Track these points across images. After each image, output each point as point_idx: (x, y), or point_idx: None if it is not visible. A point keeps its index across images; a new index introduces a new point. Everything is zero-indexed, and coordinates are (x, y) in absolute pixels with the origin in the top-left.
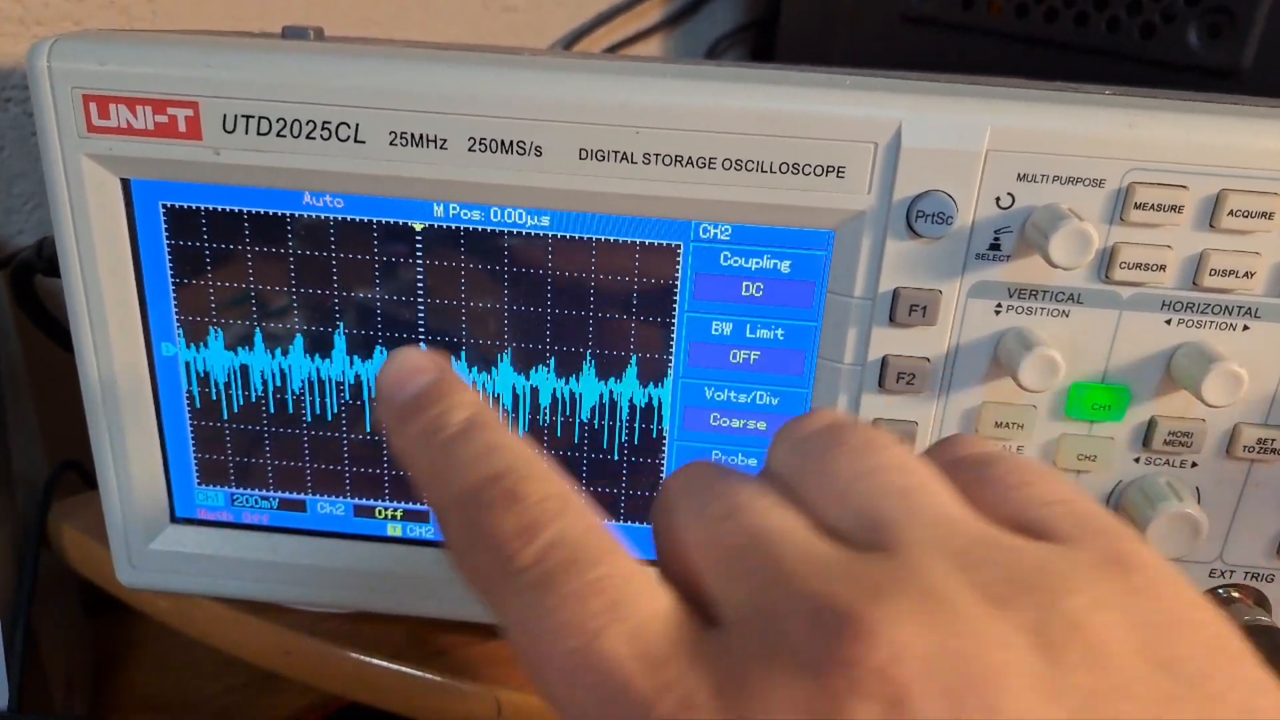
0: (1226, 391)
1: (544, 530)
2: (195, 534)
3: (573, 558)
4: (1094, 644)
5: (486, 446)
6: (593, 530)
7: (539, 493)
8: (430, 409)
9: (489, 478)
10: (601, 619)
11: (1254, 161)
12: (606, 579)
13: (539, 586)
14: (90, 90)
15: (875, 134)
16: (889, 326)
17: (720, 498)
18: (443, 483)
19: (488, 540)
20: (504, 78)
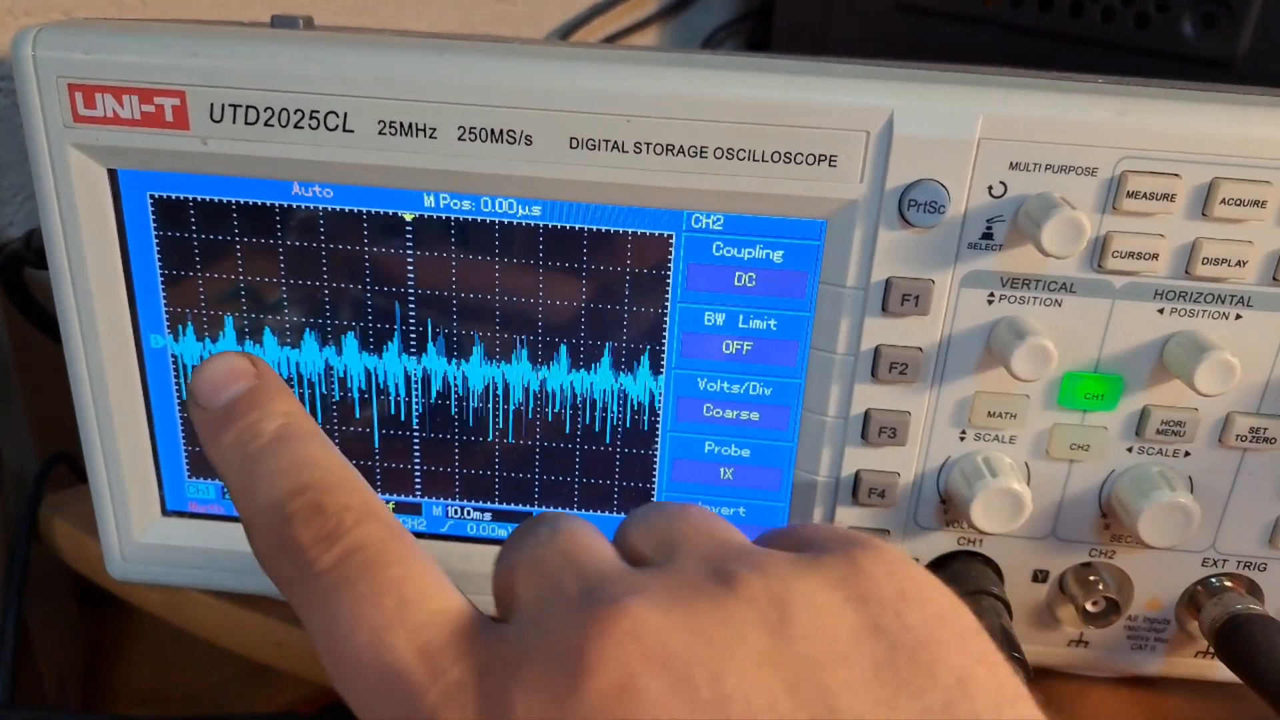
0: (1219, 380)
1: (342, 538)
2: (186, 527)
3: (368, 561)
4: (816, 619)
5: (295, 459)
6: (391, 538)
7: (340, 504)
8: (243, 418)
9: (294, 490)
10: (388, 615)
11: (1247, 150)
12: (399, 580)
13: (336, 589)
14: (76, 79)
15: (867, 122)
16: (882, 316)
17: (550, 526)
18: (251, 495)
19: (290, 549)
20: (493, 66)
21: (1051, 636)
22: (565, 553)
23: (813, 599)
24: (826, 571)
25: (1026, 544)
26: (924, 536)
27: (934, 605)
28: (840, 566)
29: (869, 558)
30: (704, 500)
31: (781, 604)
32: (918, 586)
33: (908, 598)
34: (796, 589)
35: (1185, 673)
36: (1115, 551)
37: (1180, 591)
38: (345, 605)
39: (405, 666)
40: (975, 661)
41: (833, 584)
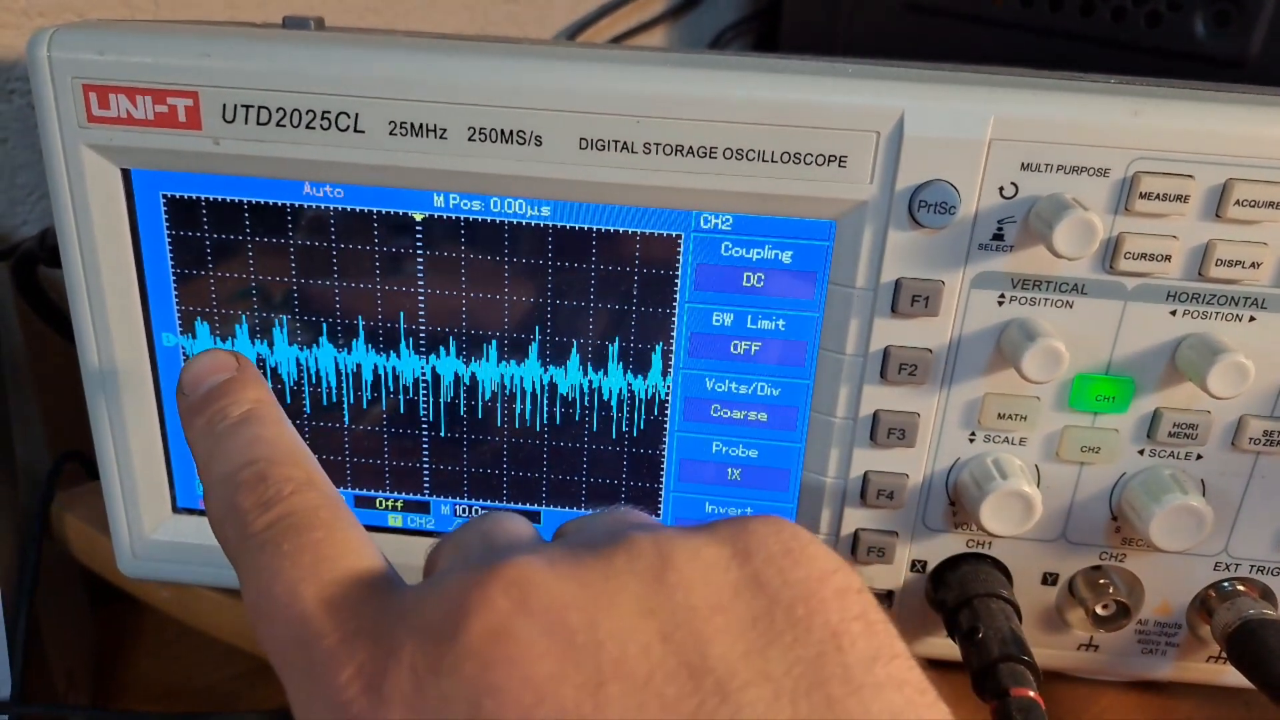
0: (1232, 383)
1: (277, 505)
2: (197, 524)
3: (295, 525)
4: (698, 570)
5: (252, 437)
6: (323, 506)
7: (283, 475)
8: (216, 403)
9: (245, 463)
10: (303, 570)
11: (1261, 151)
12: (321, 542)
13: (264, 548)
14: (90, 80)
15: (877, 123)
16: (891, 317)
17: (481, 516)
18: (213, 466)
19: (233, 513)
20: (503, 67)
21: (1061, 640)
22: (485, 532)
23: (698, 553)
24: (716, 531)
25: (1036, 546)
26: (933, 538)
27: (817, 564)
28: (730, 527)
29: (759, 520)
30: (711, 501)
31: (665, 556)
32: (803, 545)
33: (792, 555)
34: (683, 544)
35: (1196, 678)
36: (1126, 555)
37: (1192, 595)
38: (268, 562)
39: (311, 616)
40: (853, 618)
41: (720, 540)
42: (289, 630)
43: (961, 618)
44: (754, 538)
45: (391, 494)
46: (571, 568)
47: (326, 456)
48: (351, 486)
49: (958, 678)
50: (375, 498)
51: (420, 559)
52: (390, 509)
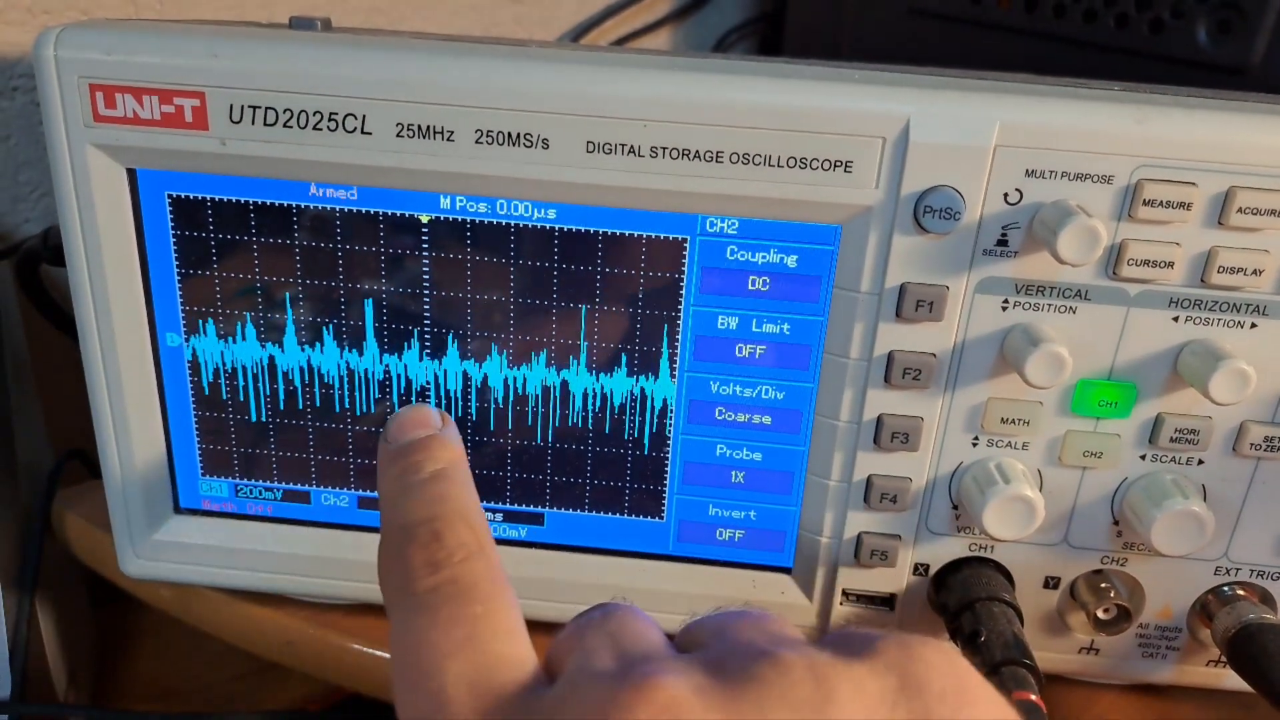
0: (1234, 389)
1: (445, 568)
2: (199, 524)
3: (457, 594)
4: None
5: (437, 495)
6: (488, 580)
7: (456, 540)
8: (412, 456)
9: (425, 519)
10: (454, 645)
11: (1264, 159)
12: (478, 618)
13: (422, 609)
14: (97, 80)
15: (883, 129)
16: (895, 322)
17: (604, 609)
18: (394, 515)
19: (402, 564)
20: (511, 70)
21: (1063, 643)
22: (612, 633)
23: (862, 686)
24: (880, 657)
25: (1038, 550)
26: (936, 542)
27: (990, 712)
28: (895, 652)
29: (929, 648)
30: (715, 504)
31: (826, 689)
32: (976, 684)
33: (966, 694)
34: (845, 674)
35: (1196, 681)
36: (1127, 559)
37: (1192, 600)
38: (423, 625)
39: (452, 696)
40: None
41: (885, 670)
42: (427, 703)
43: (964, 621)
44: (924, 668)
45: None
46: (722, 697)
47: (331, 457)
48: (355, 487)
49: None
50: None
51: None
52: None
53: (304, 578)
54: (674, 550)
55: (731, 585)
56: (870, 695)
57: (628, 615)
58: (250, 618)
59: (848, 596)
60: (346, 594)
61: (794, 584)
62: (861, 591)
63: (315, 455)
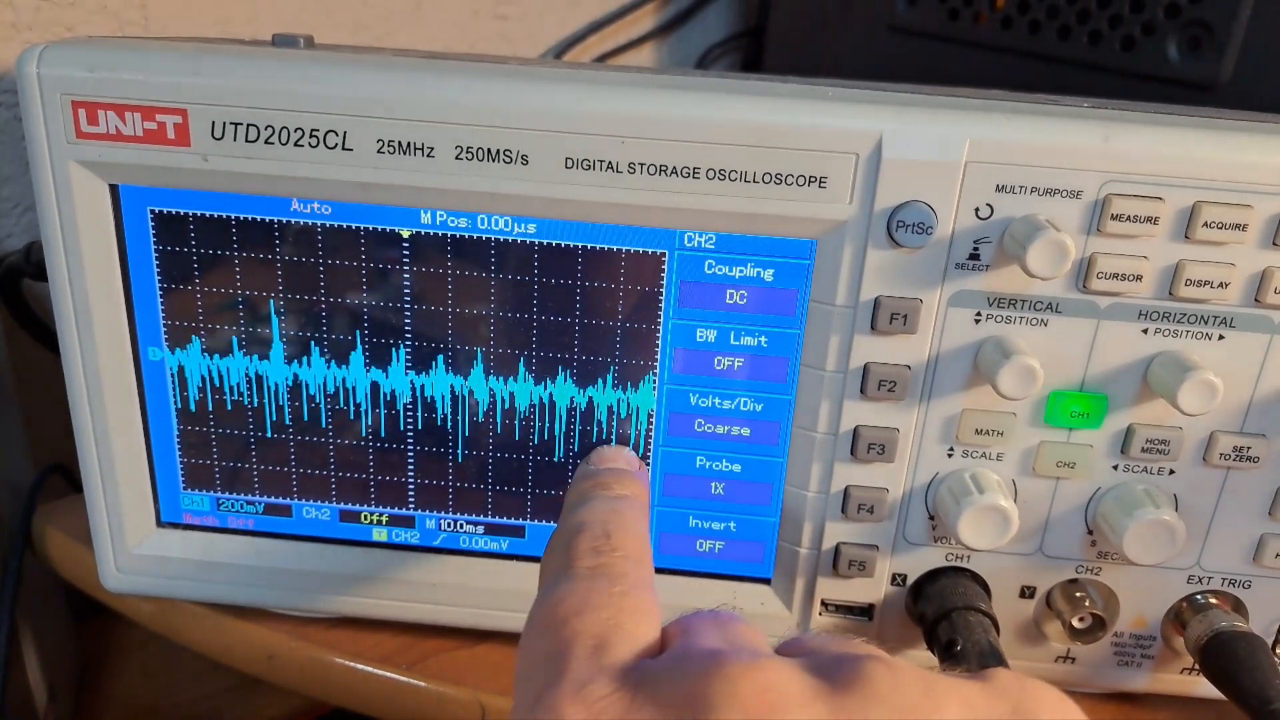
0: (1202, 400)
1: (604, 556)
2: (181, 538)
3: (607, 574)
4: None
5: (617, 510)
6: (638, 578)
7: (621, 544)
8: (608, 478)
9: (601, 522)
10: (592, 609)
11: (1228, 174)
12: (619, 595)
13: (573, 577)
14: (79, 97)
15: (856, 145)
16: (871, 334)
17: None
18: (576, 513)
19: (568, 548)
20: (490, 87)
21: (1039, 652)
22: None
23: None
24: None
25: (1014, 560)
26: (912, 552)
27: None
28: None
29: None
30: (695, 515)
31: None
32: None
33: None
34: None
35: (1171, 689)
36: (1102, 568)
37: (1166, 608)
38: (574, 590)
39: (576, 650)
40: None
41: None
42: (552, 648)
43: (940, 630)
44: (1036, 704)
45: (377, 508)
46: (830, 692)
47: (312, 471)
48: (336, 501)
49: None
50: (360, 512)
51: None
52: (375, 523)
53: (286, 591)
54: (655, 562)
55: (712, 596)
56: (978, 712)
57: (736, 618)
58: (232, 632)
59: (827, 607)
60: (328, 608)
61: (773, 594)
62: (840, 602)
63: (297, 469)
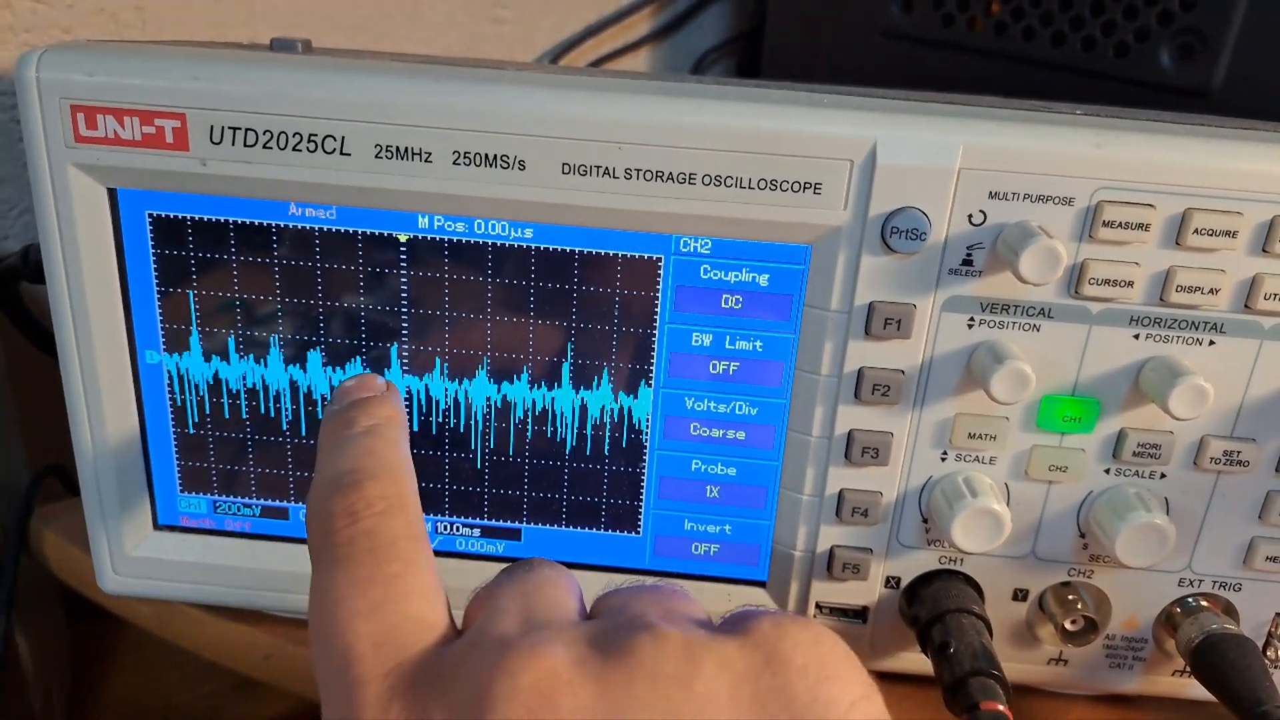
0: (1193, 405)
1: (363, 519)
2: (177, 541)
3: (374, 549)
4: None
5: (365, 449)
6: (406, 538)
7: (377, 491)
8: (349, 414)
9: (349, 470)
10: (368, 604)
11: (1219, 181)
12: (394, 579)
13: (339, 563)
14: (78, 100)
15: (851, 151)
16: (865, 339)
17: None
18: (323, 468)
19: (324, 514)
20: (488, 93)
21: (1031, 655)
22: (526, 593)
23: (729, 664)
24: (751, 635)
25: (1006, 563)
26: (906, 555)
27: (850, 686)
28: (768, 628)
29: (799, 627)
30: (691, 519)
31: (695, 663)
32: (838, 662)
33: (826, 670)
34: (715, 651)
35: (1162, 691)
36: (1094, 571)
37: (1157, 611)
38: (340, 581)
39: (360, 656)
40: None
41: (754, 646)
42: (337, 659)
43: (934, 633)
44: (789, 645)
45: None
46: (600, 667)
47: (309, 474)
48: None
49: (930, 692)
50: None
51: None
52: None
53: (282, 593)
54: (650, 565)
55: (707, 599)
56: (735, 670)
57: (547, 577)
58: (229, 634)
59: (821, 609)
60: None
61: (768, 597)
62: (834, 604)
63: (294, 472)
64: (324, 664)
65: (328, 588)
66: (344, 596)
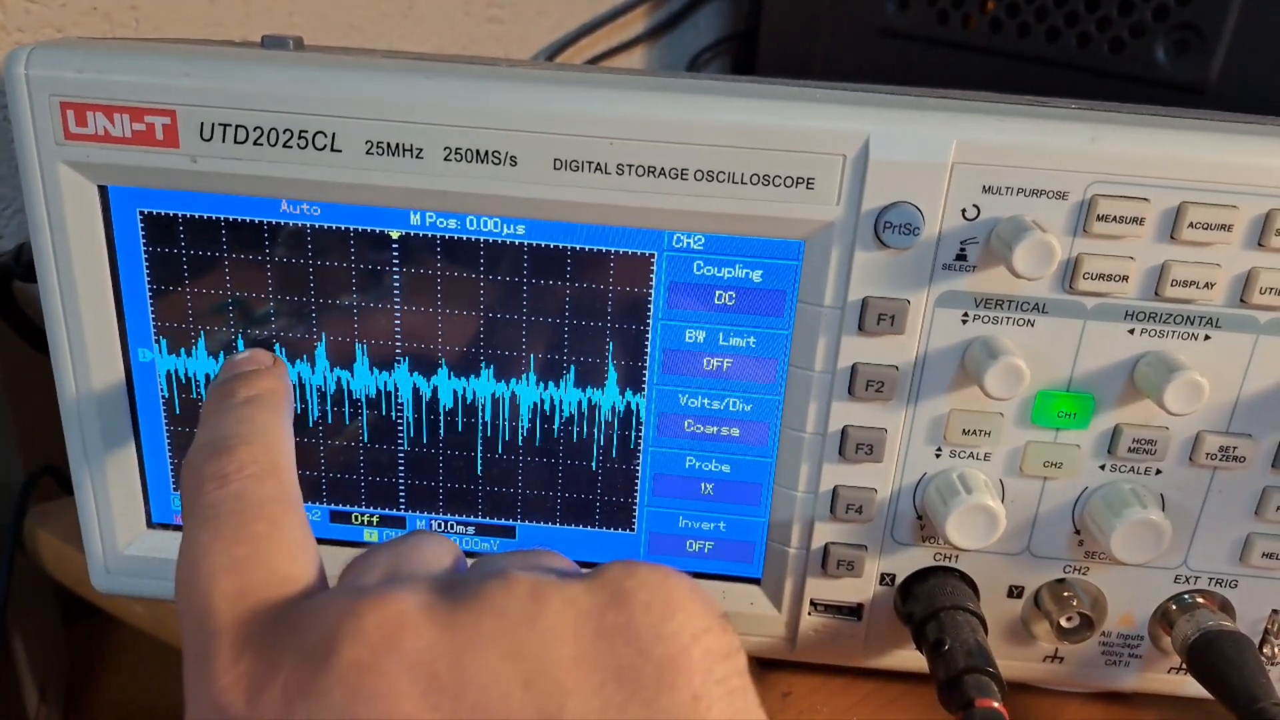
0: (1188, 400)
1: (232, 482)
2: (172, 539)
3: (241, 510)
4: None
5: (242, 418)
6: (275, 499)
7: (248, 455)
8: (232, 384)
9: (223, 436)
10: (231, 561)
11: (1213, 175)
12: (260, 537)
13: (207, 521)
14: (68, 98)
15: (843, 146)
16: (858, 335)
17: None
18: (200, 434)
19: (195, 477)
20: (478, 88)
21: (1027, 652)
22: (397, 554)
23: (574, 600)
24: (599, 576)
25: (1002, 560)
26: (901, 552)
27: (693, 620)
28: (615, 571)
29: (645, 567)
30: (685, 516)
31: (541, 600)
32: (683, 597)
33: (670, 606)
34: (560, 590)
35: (1158, 688)
36: (1089, 568)
37: (1153, 608)
38: (205, 538)
39: (217, 609)
40: (715, 681)
41: (600, 586)
42: (198, 612)
43: (929, 630)
44: (635, 583)
45: (367, 509)
46: (447, 610)
47: (303, 472)
48: (327, 502)
49: (925, 690)
50: (351, 513)
51: None
52: (366, 524)
53: None
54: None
55: None
56: (580, 607)
57: (422, 540)
58: None
59: (816, 607)
60: None
61: (763, 595)
62: (829, 602)
63: None
64: (186, 620)
65: (193, 545)
66: (207, 553)
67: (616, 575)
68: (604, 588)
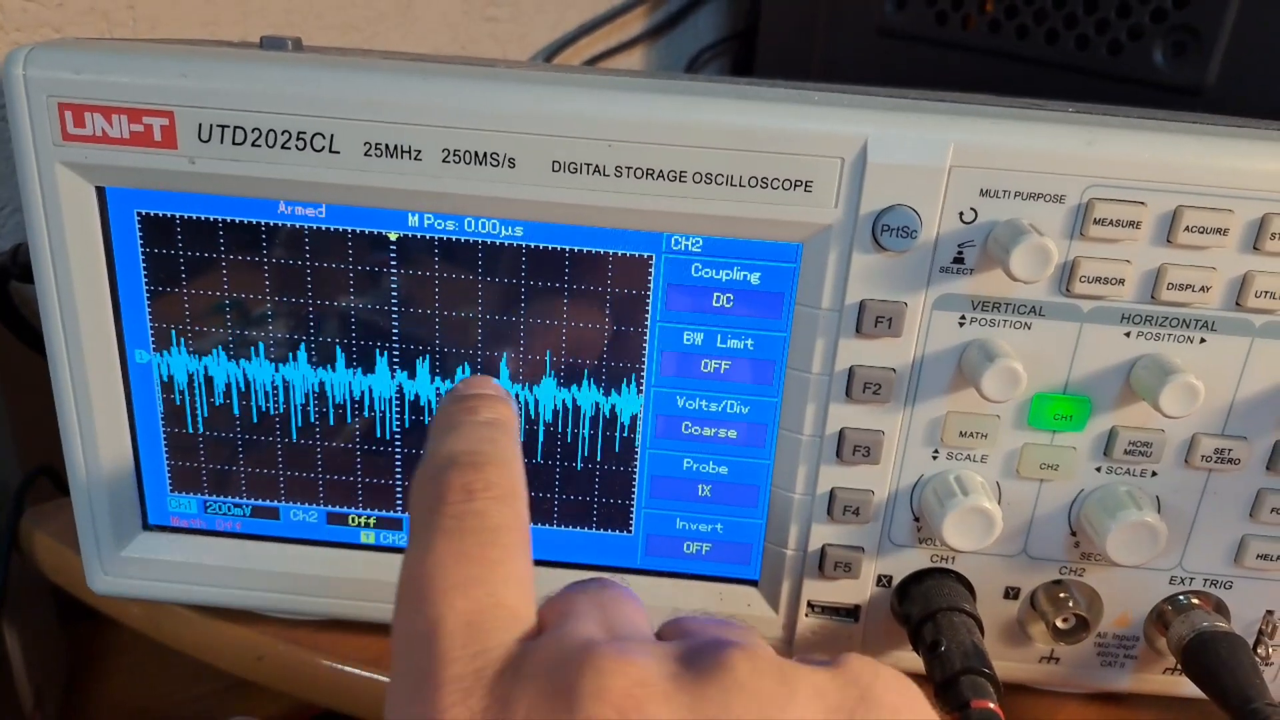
0: (1184, 403)
1: (477, 499)
2: (168, 541)
3: (481, 530)
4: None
5: (489, 437)
6: (513, 529)
7: (495, 476)
8: (475, 402)
9: (472, 450)
10: (465, 581)
11: (1210, 179)
12: (493, 562)
13: (445, 534)
14: (65, 99)
15: (842, 149)
16: (856, 337)
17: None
18: (443, 442)
19: (438, 484)
20: (477, 90)
21: (1023, 653)
22: (603, 605)
23: (823, 691)
24: (846, 670)
25: (998, 561)
26: (898, 553)
27: None
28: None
29: (891, 673)
30: (682, 517)
31: (790, 684)
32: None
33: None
34: (809, 676)
35: (1153, 689)
36: (1085, 569)
37: (1149, 609)
38: (441, 552)
39: (449, 630)
40: None
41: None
42: (424, 627)
43: (925, 631)
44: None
45: (364, 510)
46: (693, 682)
47: (299, 474)
48: (324, 503)
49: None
50: (348, 514)
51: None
52: (363, 525)
53: (273, 594)
54: (642, 564)
55: (698, 598)
56: (829, 700)
57: (620, 594)
58: (220, 634)
59: (813, 608)
60: (316, 609)
61: (760, 596)
62: (826, 603)
63: (284, 471)
64: (407, 628)
65: (426, 554)
66: (443, 566)
67: (863, 672)
68: (852, 683)
